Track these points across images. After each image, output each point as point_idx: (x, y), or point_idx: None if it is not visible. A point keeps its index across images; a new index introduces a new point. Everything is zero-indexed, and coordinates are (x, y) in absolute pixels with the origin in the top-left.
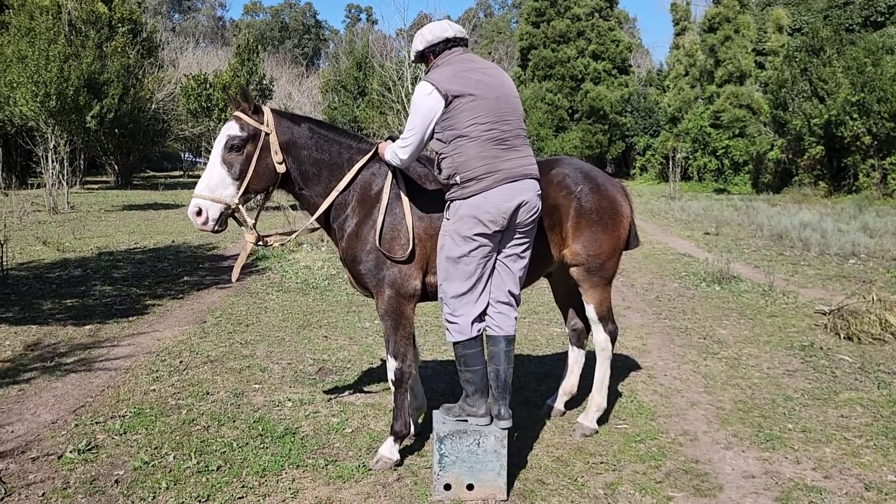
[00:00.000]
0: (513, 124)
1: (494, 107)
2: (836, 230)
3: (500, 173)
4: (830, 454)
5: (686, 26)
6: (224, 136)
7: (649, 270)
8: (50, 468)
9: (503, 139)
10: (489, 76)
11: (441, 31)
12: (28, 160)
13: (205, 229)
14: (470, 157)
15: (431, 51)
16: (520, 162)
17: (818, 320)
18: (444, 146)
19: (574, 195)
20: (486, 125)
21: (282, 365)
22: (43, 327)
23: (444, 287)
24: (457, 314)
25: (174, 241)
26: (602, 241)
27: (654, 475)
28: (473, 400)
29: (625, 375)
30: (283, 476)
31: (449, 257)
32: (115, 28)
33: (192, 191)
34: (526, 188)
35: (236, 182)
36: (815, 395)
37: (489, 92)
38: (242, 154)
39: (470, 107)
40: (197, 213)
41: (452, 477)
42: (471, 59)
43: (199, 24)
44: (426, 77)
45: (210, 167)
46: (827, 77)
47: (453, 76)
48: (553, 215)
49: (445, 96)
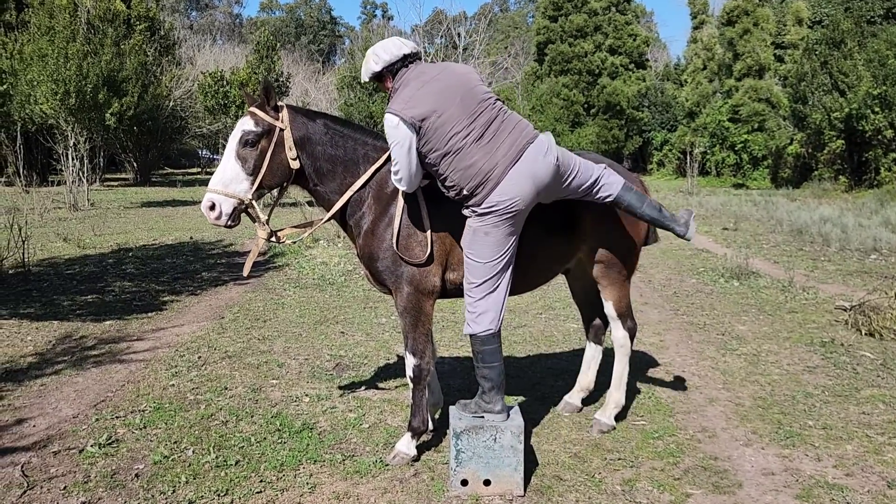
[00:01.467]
0: (486, 112)
1: (461, 110)
2: (857, 225)
3: (499, 165)
4: (852, 451)
5: (704, 20)
6: (239, 132)
7: (667, 266)
8: (71, 462)
9: (484, 134)
10: (442, 80)
11: (397, 49)
12: (49, 158)
13: (218, 224)
14: (465, 168)
15: (389, 70)
16: (511, 140)
17: (839, 316)
18: (435, 168)
19: None
20: (463, 132)
21: (299, 360)
22: (64, 323)
23: (468, 278)
24: (476, 306)
25: (192, 238)
26: (620, 237)
27: (673, 472)
28: (490, 396)
29: (643, 372)
30: (300, 471)
31: (474, 249)
32: (132, 26)
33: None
34: (533, 155)
35: (250, 177)
36: (835, 391)
37: (450, 99)
38: (257, 149)
39: (440, 123)
40: (210, 208)
41: (469, 472)
42: (422, 71)
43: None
44: (389, 109)
45: (224, 162)
46: (848, 70)
47: (411, 99)
48: (571, 210)
49: (412, 124)
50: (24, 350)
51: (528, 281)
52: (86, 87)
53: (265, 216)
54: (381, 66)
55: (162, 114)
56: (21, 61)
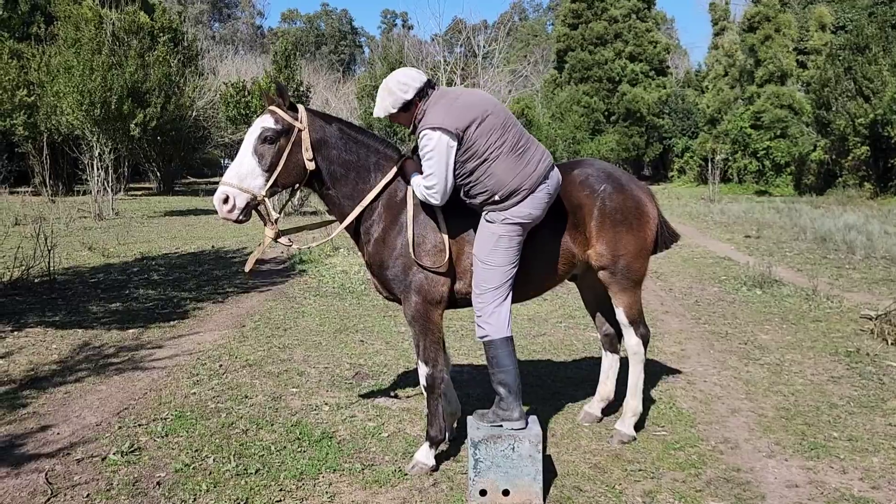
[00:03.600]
0: (516, 127)
1: (495, 121)
2: (883, 232)
3: (533, 176)
4: (878, 464)
5: (725, 26)
6: (258, 128)
7: (688, 274)
8: (94, 469)
9: (517, 144)
10: (474, 97)
11: (419, 75)
12: (74, 168)
13: (229, 218)
14: (501, 175)
15: (419, 96)
16: (538, 157)
17: (864, 325)
18: (469, 175)
19: (597, 194)
20: (500, 140)
21: (319, 369)
22: (88, 331)
23: (480, 284)
24: (489, 311)
25: (213, 246)
26: (627, 242)
27: (694, 483)
28: (507, 403)
29: (663, 381)
30: (320, 480)
31: (494, 256)
32: (156, 37)
33: None
34: (556, 177)
35: (266, 174)
36: (861, 402)
37: (484, 110)
38: (275, 147)
39: (480, 132)
40: (223, 201)
41: (488, 482)
42: (447, 91)
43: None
44: (429, 125)
45: (240, 157)
46: (872, 75)
47: (449, 113)
48: (576, 214)
49: (456, 134)
50: (49, 358)
51: (533, 284)
52: (110, 98)
53: (275, 215)
54: (414, 94)
55: (185, 124)
56: (48, 73)
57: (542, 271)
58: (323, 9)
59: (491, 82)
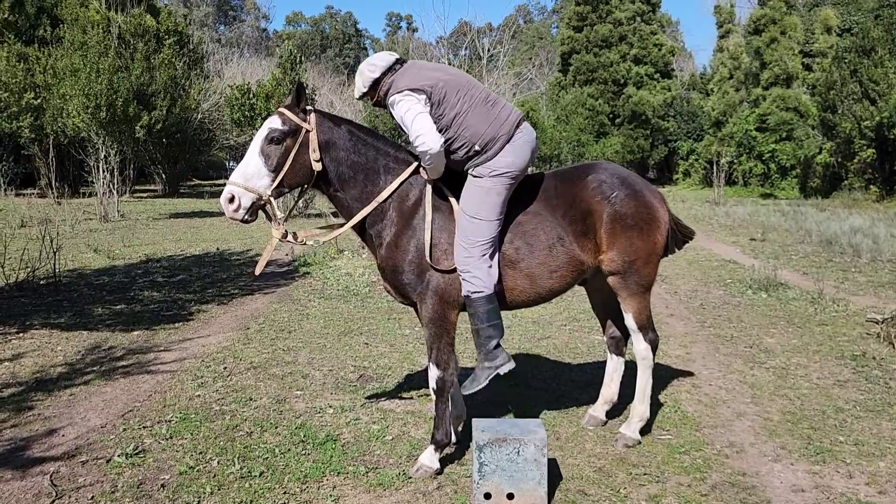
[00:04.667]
0: (481, 86)
1: (462, 80)
2: (889, 235)
3: (506, 124)
4: (885, 468)
5: (730, 28)
6: (265, 129)
7: (693, 277)
8: (99, 472)
9: (486, 98)
10: (434, 65)
11: (390, 56)
12: (80, 170)
13: (235, 217)
14: (477, 125)
15: (386, 73)
16: (509, 109)
17: (870, 329)
18: (447, 131)
19: (609, 200)
20: (468, 95)
21: (323, 371)
22: (93, 333)
23: (469, 238)
24: (477, 266)
25: (218, 248)
26: (638, 248)
27: (700, 488)
28: (495, 353)
29: (668, 385)
30: (324, 482)
31: (482, 209)
32: (162, 40)
33: None
34: (528, 129)
35: (272, 174)
36: (867, 406)
37: (448, 72)
38: (281, 147)
39: (449, 88)
40: (229, 200)
41: (492, 486)
42: (412, 65)
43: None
44: (395, 90)
45: (247, 157)
46: (878, 78)
47: (414, 78)
48: (587, 220)
49: (422, 90)
50: (55, 360)
51: (542, 288)
52: (116, 100)
53: (282, 215)
54: (380, 73)
55: (190, 126)
56: (54, 76)
57: (549, 277)
58: (328, 11)
59: (496, 85)
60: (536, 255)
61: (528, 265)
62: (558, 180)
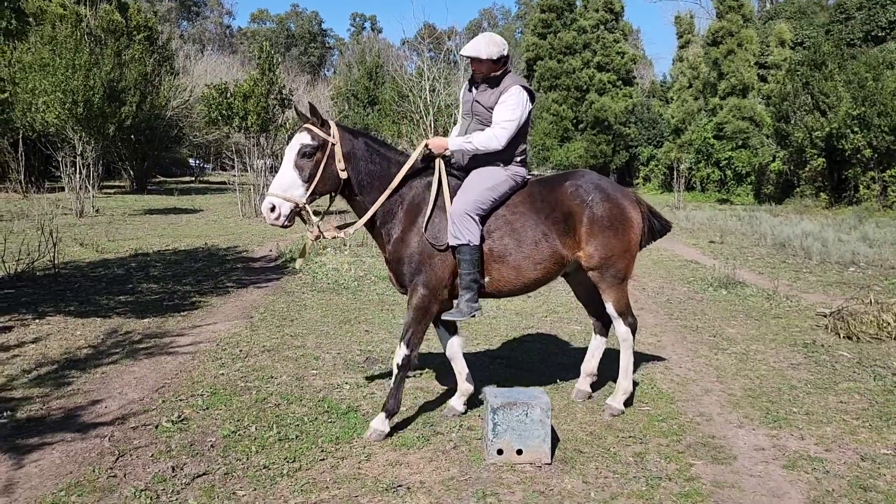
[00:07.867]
0: None
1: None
2: (837, 240)
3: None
4: (831, 432)
5: (690, 39)
6: (297, 144)
7: (659, 276)
8: (150, 436)
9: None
10: None
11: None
12: (46, 165)
13: (276, 223)
14: (523, 145)
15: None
16: None
17: (819, 321)
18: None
19: (586, 204)
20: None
21: (332, 354)
22: (106, 319)
23: (472, 206)
24: (464, 221)
25: (206, 244)
26: (613, 245)
27: (677, 447)
28: (475, 296)
29: (644, 367)
30: (354, 443)
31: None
32: (132, 36)
33: (208, 196)
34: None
35: (305, 184)
36: (816, 384)
37: None
38: (312, 160)
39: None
40: (271, 209)
41: (504, 443)
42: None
43: (206, 32)
44: (523, 84)
45: (283, 171)
46: (828, 91)
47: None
48: (568, 221)
49: (531, 102)
50: (78, 343)
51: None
52: (93, 96)
53: (316, 220)
54: (507, 52)
55: (160, 123)
56: (21, 70)
57: (534, 269)
58: (293, 10)
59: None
60: (523, 250)
61: (515, 259)
62: (542, 186)
